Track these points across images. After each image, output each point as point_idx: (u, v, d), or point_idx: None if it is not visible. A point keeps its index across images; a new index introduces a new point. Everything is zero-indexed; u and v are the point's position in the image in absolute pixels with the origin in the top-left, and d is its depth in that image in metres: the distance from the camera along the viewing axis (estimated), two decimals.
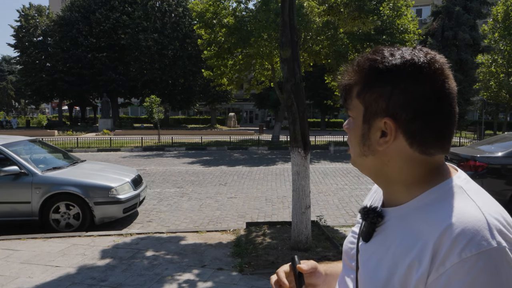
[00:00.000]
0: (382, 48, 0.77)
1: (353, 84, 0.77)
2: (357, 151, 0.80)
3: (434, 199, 0.72)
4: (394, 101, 0.72)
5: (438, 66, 0.72)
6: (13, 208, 5.64)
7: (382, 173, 0.79)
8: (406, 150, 0.74)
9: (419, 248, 0.68)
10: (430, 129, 0.72)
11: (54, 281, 3.84)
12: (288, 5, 4.61)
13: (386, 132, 0.73)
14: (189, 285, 3.75)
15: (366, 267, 0.78)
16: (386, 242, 0.75)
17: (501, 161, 6.69)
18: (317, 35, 18.55)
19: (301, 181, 4.50)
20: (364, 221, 0.81)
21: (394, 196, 0.79)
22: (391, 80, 0.72)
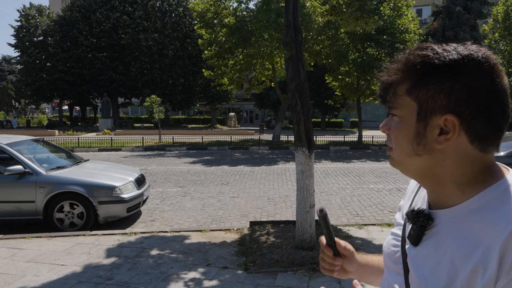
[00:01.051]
0: (430, 45, 0.75)
1: (400, 81, 0.76)
2: (407, 151, 0.76)
3: (492, 200, 0.70)
4: (456, 97, 0.70)
5: (494, 62, 0.72)
6: (18, 207, 5.66)
7: (432, 173, 0.76)
8: (466, 148, 0.72)
9: (482, 252, 0.66)
10: (491, 125, 0.71)
11: (60, 279, 3.86)
12: (292, 5, 4.63)
13: (447, 129, 0.71)
14: (195, 283, 3.77)
15: (420, 272, 0.75)
16: (441, 246, 0.73)
17: (504, 160, 6.71)
18: (318, 35, 18.58)
19: (305, 180, 4.52)
20: (413, 224, 0.78)
21: (445, 198, 0.76)
22: (450, 75, 0.70)
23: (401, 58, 0.77)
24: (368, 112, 43.33)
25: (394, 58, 0.80)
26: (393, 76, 0.77)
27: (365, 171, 11.63)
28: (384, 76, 0.79)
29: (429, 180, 0.77)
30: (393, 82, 0.77)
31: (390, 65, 0.79)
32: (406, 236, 0.81)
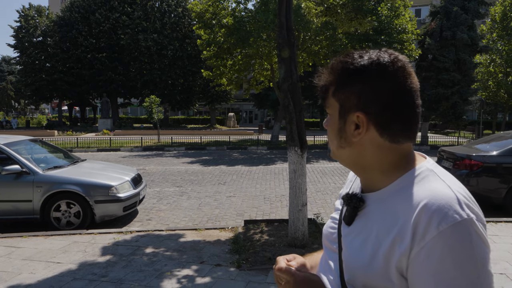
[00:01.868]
0: (353, 52, 0.87)
1: (329, 84, 0.88)
2: (336, 144, 0.89)
3: (410, 182, 0.81)
4: (364, 97, 0.82)
5: (400, 65, 0.83)
6: (15, 206, 5.73)
7: (359, 162, 0.88)
8: (378, 140, 0.84)
9: (400, 226, 0.76)
10: (397, 120, 0.82)
11: (56, 276, 3.93)
12: (285, 7, 4.70)
13: (359, 124, 0.84)
14: (187, 280, 3.84)
15: (351, 248, 0.86)
16: (368, 224, 0.84)
17: (496, 159, 6.78)
18: (316, 35, 18.63)
19: (297, 179, 4.59)
20: (347, 206, 0.90)
21: (372, 182, 0.88)
22: (360, 79, 0.83)
23: (331, 63, 0.90)
24: None
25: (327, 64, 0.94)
26: (324, 80, 0.90)
27: None
28: (319, 81, 0.91)
29: (358, 168, 0.90)
30: (324, 85, 0.89)
31: (324, 70, 0.91)
32: (342, 218, 0.92)
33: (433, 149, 18.20)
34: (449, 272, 0.70)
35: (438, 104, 21.70)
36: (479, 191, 6.79)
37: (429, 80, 21.68)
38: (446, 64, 20.96)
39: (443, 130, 32.19)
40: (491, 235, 5.16)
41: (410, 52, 19.50)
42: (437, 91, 21.33)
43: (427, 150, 18.65)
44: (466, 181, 6.76)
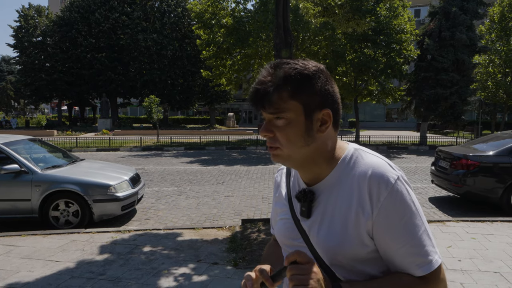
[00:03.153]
0: (287, 60, 0.98)
1: (283, 90, 0.92)
2: (299, 144, 0.94)
3: (348, 163, 0.98)
4: (325, 96, 0.95)
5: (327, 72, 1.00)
6: (14, 205, 5.76)
7: (312, 158, 0.97)
8: (331, 132, 0.99)
9: (357, 198, 0.93)
10: (338, 112, 0.99)
11: (54, 274, 3.96)
12: (282, 8, 4.73)
13: (325, 120, 0.95)
14: (184, 278, 3.87)
15: (321, 234, 0.96)
16: (327, 209, 0.96)
17: (493, 159, 6.81)
18: (315, 36, 18.69)
19: None
20: (303, 202, 1.00)
21: (318, 174, 1.00)
22: (315, 82, 0.94)
23: (273, 72, 0.96)
24: (367, 112, 43.46)
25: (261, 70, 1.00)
26: (271, 86, 0.93)
27: None
28: (261, 86, 0.95)
29: (309, 164, 0.99)
30: (273, 91, 0.93)
31: (264, 79, 0.96)
32: (299, 214, 1.02)
33: (432, 149, 18.24)
34: (404, 214, 0.91)
35: (437, 104, 21.70)
36: (476, 191, 6.83)
37: (428, 80, 21.67)
38: (445, 64, 20.96)
39: (442, 130, 32.25)
40: (486, 234, 5.20)
41: (409, 52, 19.53)
42: (436, 91, 21.32)
43: (426, 150, 18.69)
44: (462, 181, 6.81)
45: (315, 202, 0.99)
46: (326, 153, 0.98)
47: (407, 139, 22.40)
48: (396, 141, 20.92)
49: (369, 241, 0.93)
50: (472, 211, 7.01)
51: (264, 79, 0.95)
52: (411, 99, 24.17)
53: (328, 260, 0.96)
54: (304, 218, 1.00)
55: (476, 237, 5.07)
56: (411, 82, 23.29)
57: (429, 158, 14.48)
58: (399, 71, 19.68)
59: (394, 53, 19.12)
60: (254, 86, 0.97)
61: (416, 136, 23.67)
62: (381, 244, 0.93)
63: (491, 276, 3.85)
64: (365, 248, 0.93)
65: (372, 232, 0.92)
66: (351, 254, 0.93)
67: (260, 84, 0.95)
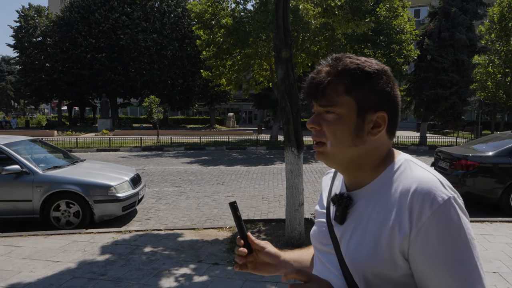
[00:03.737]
0: (349, 55, 0.92)
1: (338, 82, 0.87)
2: (346, 143, 0.89)
3: (395, 173, 0.88)
4: (383, 98, 0.89)
5: (391, 73, 0.93)
6: (15, 206, 5.78)
7: (358, 161, 0.91)
8: (384, 137, 0.91)
9: (395, 213, 0.82)
10: (396, 118, 0.92)
11: (55, 275, 3.98)
12: (282, 9, 4.75)
13: (378, 123, 0.89)
14: (185, 279, 3.89)
15: (351, 244, 0.88)
16: (362, 218, 0.88)
17: (492, 160, 6.84)
18: (315, 36, 18.70)
19: (294, 179, 4.64)
20: (337, 206, 0.93)
21: (361, 180, 0.92)
22: (375, 81, 0.88)
23: (332, 63, 0.91)
24: None
25: (321, 61, 0.94)
26: (327, 77, 0.89)
27: None
28: (317, 76, 0.90)
29: (353, 167, 0.92)
30: (329, 82, 0.88)
31: (322, 68, 0.91)
32: (333, 219, 0.95)
33: (432, 149, 18.26)
34: (447, 243, 0.79)
35: (436, 104, 21.72)
36: (475, 191, 6.86)
37: (428, 80, 21.69)
38: (444, 64, 20.98)
39: (442, 131, 32.27)
40: (486, 234, 5.22)
41: (408, 52, 19.56)
42: (436, 92, 21.34)
43: (426, 150, 18.71)
44: (462, 181, 6.83)
45: (351, 208, 0.92)
46: (374, 159, 0.91)
47: (407, 139, 22.43)
48: (396, 141, 20.95)
49: (402, 262, 0.82)
50: (472, 211, 6.99)
51: (322, 69, 0.91)
52: (411, 99, 24.19)
53: (356, 275, 0.88)
54: (338, 224, 0.93)
55: (475, 237, 5.08)
56: (411, 83, 23.31)
57: (429, 159, 14.50)
58: (399, 72, 19.71)
59: (394, 53, 19.16)
60: (310, 75, 0.92)
61: (416, 136, 23.70)
62: (417, 271, 0.82)
63: (490, 276, 3.87)
64: (397, 269, 0.83)
65: (408, 254, 0.82)
66: (380, 272, 0.84)
67: (317, 73, 0.91)
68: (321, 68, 0.92)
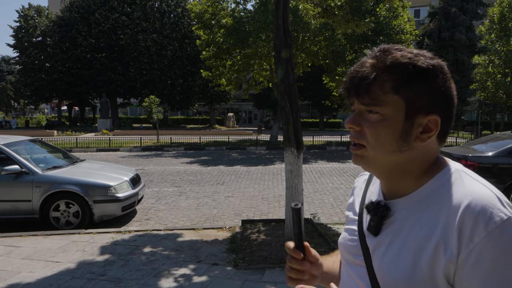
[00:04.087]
0: (403, 47, 0.80)
1: (386, 79, 0.76)
2: (390, 148, 0.78)
3: (443, 184, 0.77)
4: (437, 99, 0.77)
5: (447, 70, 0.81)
6: (14, 206, 5.78)
7: (402, 168, 0.80)
8: (433, 143, 0.80)
9: (442, 230, 0.71)
10: (451, 122, 0.81)
11: (54, 275, 3.98)
12: (282, 9, 4.75)
13: (428, 127, 0.77)
14: (185, 279, 3.89)
15: (386, 259, 0.78)
16: (402, 231, 0.78)
17: (492, 160, 6.84)
18: (315, 36, 18.70)
19: (294, 179, 4.64)
20: (373, 216, 0.82)
21: (401, 188, 0.81)
22: (431, 79, 0.76)
23: (379, 55, 0.79)
24: None
25: (366, 52, 0.82)
26: (373, 71, 0.77)
27: (360, 171, 11.65)
28: (361, 70, 0.79)
29: (395, 174, 0.82)
30: (375, 78, 0.77)
31: (365, 60, 0.80)
32: (366, 228, 0.85)
33: None
34: (503, 272, 0.67)
35: None
36: None
37: None
38: None
39: None
40: None
41: None
42: None
43: None
44: None
45: (388, 219, 0.81)
46: (419, 166, 0.80)
47: None
48: None
49: (445, 286, 0.72)
50: None
51: (366, 61, 0.80)
52: None
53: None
54: (371, 235, 0.83)
55: None
56: None
57: None
58: None
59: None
60: (353, 68, 0.81)
61: None
62: None
63: None
64: None
65: (454, 279, 0.71)
66: None
67: (360, 66, 0.79)
68: (365, 60, 0.80)
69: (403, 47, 0.80)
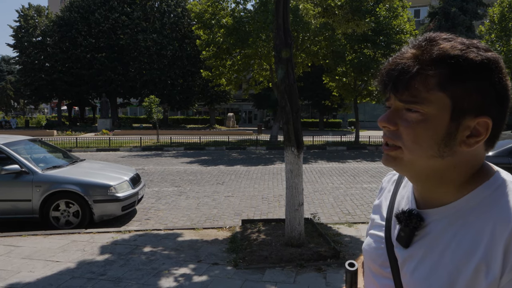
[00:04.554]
0: (453, 35, 0.70)
1: (431, 73, 0.66)
2: (431, 152, 0.69)
3: (489, 196, 0.68)
4: (489, 98, 0.66)
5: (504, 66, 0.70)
6: (14, 206, 5.77)
7: (441, 174, 0.71)
8: (481, 149, 0.70)
9: (484, 249, 0.64)
10: (502, 125, 0.70)
11: (54, 275, 3.97)
12: (282, 8, 4.75)
13: (477, 131, 0.67)
14: (185, 279, 3.88)
15: (418, 275, 0.71)
16: (437, 246, 0.70)
17: (491, 160, 6.76)
18: (315, 36, 18.71)
19: (294, 179, 4.64)
20: (404, 226, 0.74)
21: (438, 196, 0.73)
22: (486, 75, 0.66)
23: (424, 44, 0.69)
24: (367, 112, 43.47)
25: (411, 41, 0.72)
26: (416, 64, 0.67)
27: (360, 170, 11.75)
28: (401, 61, 0.69)
29: (433, 181, 0.73)
30: (417, 72, 0.67)
31: (406, 50, 0.71)
32: (395, 238, 0.78)
33: None
34: None
35: None
36: None
37: None
38: None
39: None
40: None
41: None
42: None
43: None
44: None
45: (420, 230, 0.73)
46: (462, 174, 0.70)
47: None
48: None
49: None
50: None
51: (408, 51, 0.70)
52: None
53: None
54: (401, 246, 0.75)
55: None
56: None
57: None
58: None
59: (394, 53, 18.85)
60: (391, 58, 0.71)
61: None
62: None
63: None
64: None
65: None
66: None
67: (401, 57, 0.69)
68: (406, 50, 0.70)
69: (453, 36, 0.70)
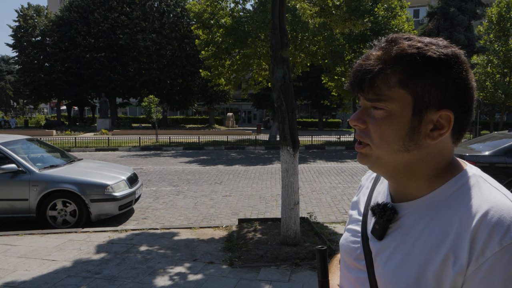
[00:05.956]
0: (413, 36, 0.73)
1: (392, 71, 0.70)
2: (396, 147, 0.72)
3: (458, 190, 0.71)
4: (450, 92, 0.69)
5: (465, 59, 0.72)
6: (11, 205, 5.78)
7: (410, 168, 0.74)
8: (447, 142, 0.73)
9: (452, 240, 0.66)
10: (468, 119, 0.73)
11: (50, 273, 3.98)
12: (278, 8, 4.76)
13: (440, 124, 0.71)
14: (180, 277, 3.90)
15: (389, 266, 0.73)
16: (408, 238, 0.72)
17: (489, 159, 6.85)
18: (314, 36, 18.71)
19: (289, 178, 4.65)
20: (379, 218, 0.77)
21: (412, 190, 0.76)
22: (444, 70, 0.69)
23: (384, 45, 0.73)
24: None
25: (374, 44, 0.76)
26: (378, 64, 0.71)
27: (358, 170, 11.76)
28: (365, 63, 0.73)
29: (404, 175, 0.76)
30: (379, 71, 0.71)
31: (371, 52, 0.74)
32: (370, 231, 0.80)
33: None
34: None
35: None
36: None
37: None
38: None
39: None
40: None
41: None
42: None
43: None
44: None
45: (394, 223, 0.76)
46: (432, 168, 0.73)
47: None
48: None
49: None
50: None
51: (371, 53, 0.73)
52: None
53: None
54: (375, 239, 0.78)
55: None
56: None
57: None
58: None
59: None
60: (358, 61, 0.75)
61: None
62: None
63: None
64: None
65: None
66: None
67: (366, 59, 0.73)
68: (371, 52, 0.74)
69: (414, 35, 0.73)
